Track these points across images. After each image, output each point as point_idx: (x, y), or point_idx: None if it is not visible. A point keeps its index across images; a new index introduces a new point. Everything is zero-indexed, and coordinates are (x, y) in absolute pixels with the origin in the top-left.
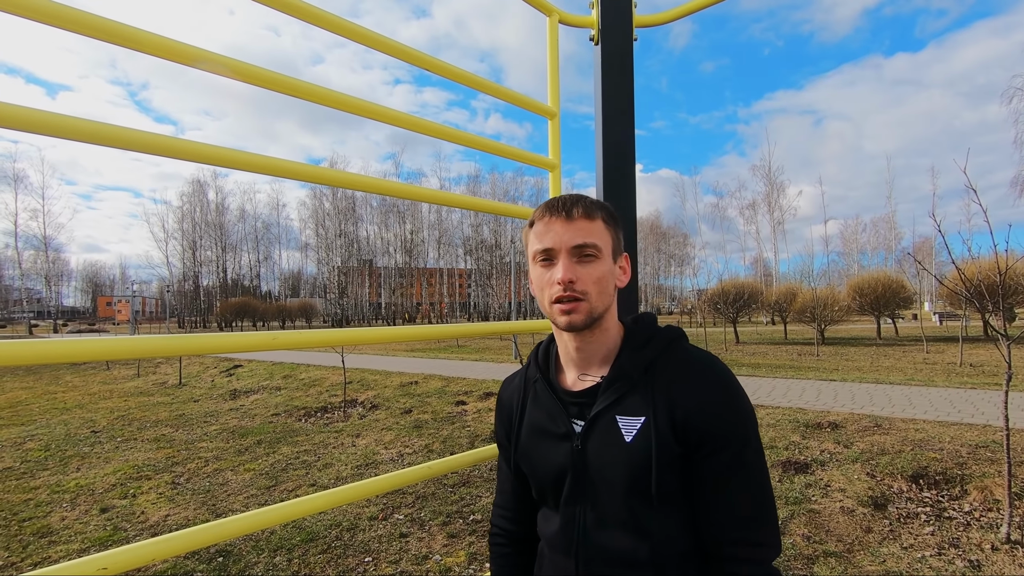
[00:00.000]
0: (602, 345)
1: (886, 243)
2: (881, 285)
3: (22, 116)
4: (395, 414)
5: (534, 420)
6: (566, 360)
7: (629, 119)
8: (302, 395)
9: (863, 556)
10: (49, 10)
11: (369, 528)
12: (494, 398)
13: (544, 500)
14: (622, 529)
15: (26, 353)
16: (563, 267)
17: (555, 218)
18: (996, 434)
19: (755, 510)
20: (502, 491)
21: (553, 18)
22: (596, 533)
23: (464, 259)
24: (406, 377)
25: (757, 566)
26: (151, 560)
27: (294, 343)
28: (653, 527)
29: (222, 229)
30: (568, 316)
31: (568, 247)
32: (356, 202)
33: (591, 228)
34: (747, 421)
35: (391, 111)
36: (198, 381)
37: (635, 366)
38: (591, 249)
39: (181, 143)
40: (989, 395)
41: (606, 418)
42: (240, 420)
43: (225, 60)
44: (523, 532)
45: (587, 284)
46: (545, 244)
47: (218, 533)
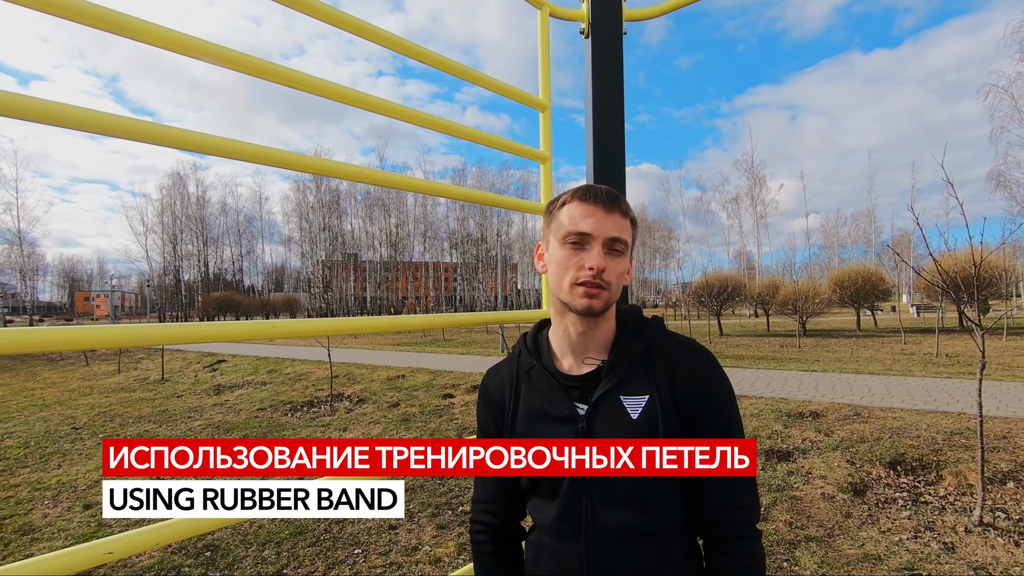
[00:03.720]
0: (602, 332)
1: (866, 237)
2: (861, 278)
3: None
4: (382, 408)
5: (531, 406)
6: (563, 346)
7: (619, 111)
8: (288, 390)
9: (843, 540)
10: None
11: (358, 520)
12: None
13: (538, 488)
14: (629, 505)
15: (35, 340)
16: (597, 255)
17: (596, 206)
18: (970, 422)
19: (739, 477)
20: (485, 484)
21: (544, 11)
22: (604, 512)
23: (450, 253)
24: (393, 371)
25: (745, 527)
26: (156, 544)
27: (294, 331)
28: (657, 501)
29: (203, 223)
30: (590, 300)
31: (605, 237)
32: (340, 195)
33: (623, 225)
34: (732, 399)
35: (383, 101)
36: (181, 376)
37: (633, 351)
38: (621, 245)
39: (165, 129)
40: (964, 384)
41: (611, 399)
42: (225, 415)
43: (206, 46)
44: (508, 526)
45: (612, 276)
46: (581, 228)
47: (222, 519)
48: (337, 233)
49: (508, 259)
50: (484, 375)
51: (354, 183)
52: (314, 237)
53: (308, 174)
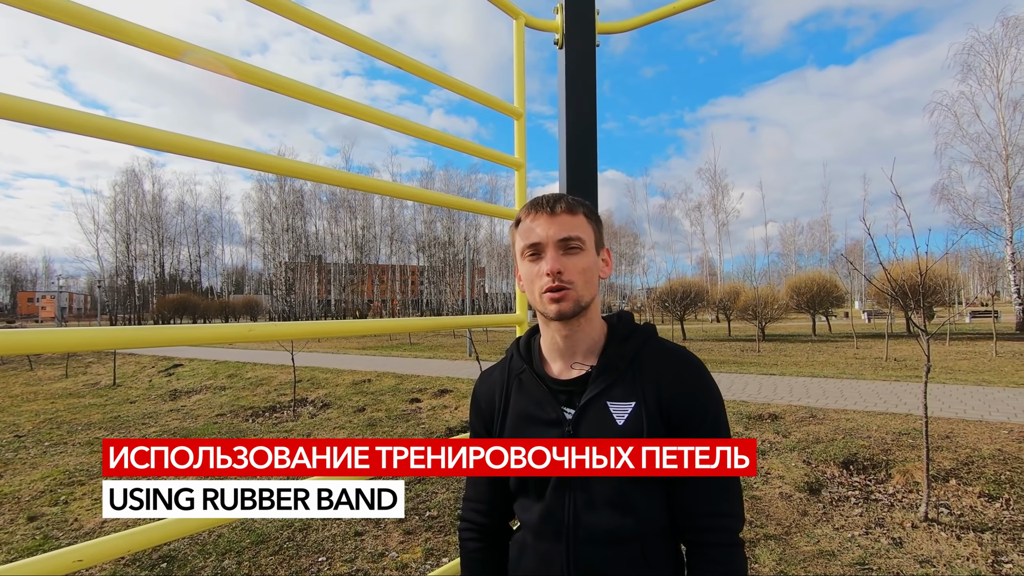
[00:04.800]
0: (587, 335)
1: (821, 245)
2: (816, 285)
3: None
4: (347, 412)
5: (520, 409)
6: (551, 351)
7: (591, 120)
8: (249, 394)
9: (800, 538)
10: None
11: (323, 527)
12: (449, 395)
13: (525, 488)
14: (611, 508)
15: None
16: (550, 259)
17: (540, 214)
18: (917, 422)
19: (724, 484)
20: (475, 483)
21: (519, 21)
22: (586, 514)
23: (417, 256)
24: (359, 375)
25: (729, 534)
26: (127, 551)
27: (271, 335)
28: (639, 505)
29: (159, 222)
30: (558, 304)
31: (554, 240)
32: (304, 196)
33: (574, 222)
34: (719, 403)
35: (353, 103)
36: (134, 381)
37: (621, 357)
38: (575, 241)
39: (120, 125)
40: (911, 387)
41: (597, 404)
42: (182, 421)
43: (163, 39)
44: (496, 525)
45: (573, 274)
46: (531, 239)
47: (193, 526)
48: (301, 234)
49: (476, 263)
50: (477, 379)
51: (318, 184)
52: (277, 238)
53: (271, 174)
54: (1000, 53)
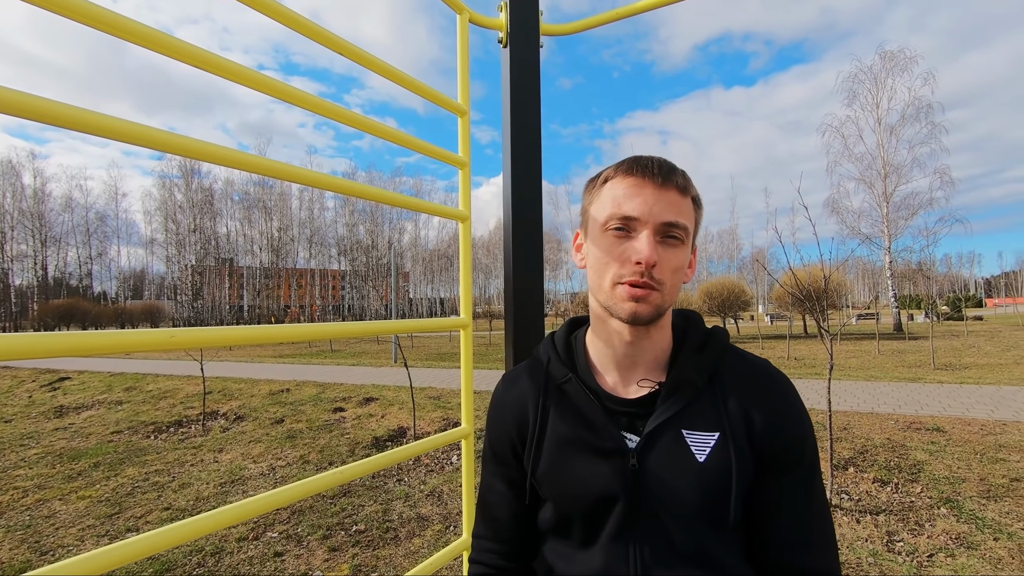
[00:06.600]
0: (655, 345)
1: (729, 252)
2: (726, 290)
3: None
4: (264, 425)
5: (564, 430)
6: (605, 358)
7: (536, 119)
8: (150, 409)
9: None
10: None
11: (238, 550)
12: (375, 403)
13: (567, 532)
14: (688, 564)
15: None
16: (648, 244)
17: (645, 181)
18: (820, 416)
19: (823, 534)
20: (493, 519)
21: (463, 16)
22: (657, 570)
23: (338, 260)
24: (276, 384)
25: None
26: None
27: (194, 341)
28: (723, 558)
29: (41, 219)
30: (636, 304)
31: (657, 222)
32: (215, 195)
33: (682, 205)
34: (815, 439)
35: (317, 98)
36: (9, 398)
37: (699, 372)
38: (679, 231)
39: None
40: (811, 383)
41: (671, 433)
42: (70, 441)
43: None
44: (517, 572)
45: (665, 272)
46: (627, 210)
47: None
48: (210, 236)
49: (400, 267)
50: (497, 384)
51: (229, 182)
52: (182, 239)
53: (174, 173)
54: (879, 83)
